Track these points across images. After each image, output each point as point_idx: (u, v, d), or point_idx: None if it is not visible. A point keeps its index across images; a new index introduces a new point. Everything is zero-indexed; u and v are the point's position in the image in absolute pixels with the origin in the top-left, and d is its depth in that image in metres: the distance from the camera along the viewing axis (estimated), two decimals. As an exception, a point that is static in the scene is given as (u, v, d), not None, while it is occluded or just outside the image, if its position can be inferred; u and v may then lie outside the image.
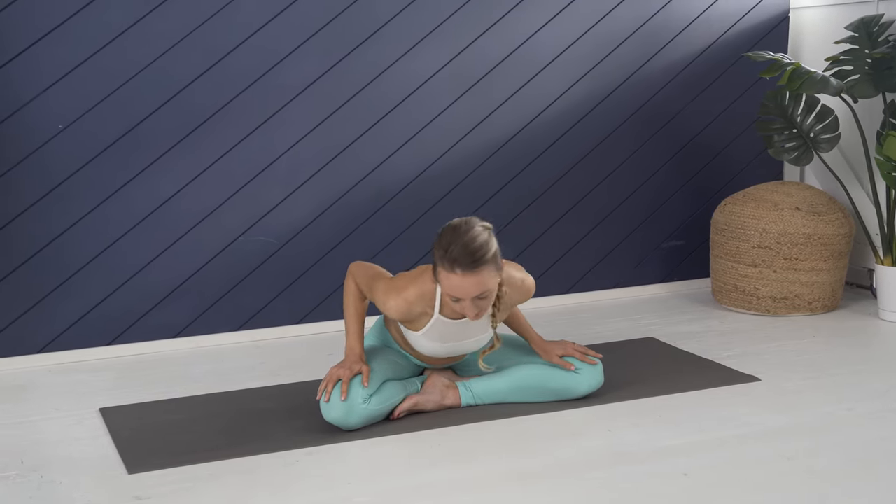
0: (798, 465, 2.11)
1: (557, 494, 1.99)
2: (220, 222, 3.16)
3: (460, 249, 2.14)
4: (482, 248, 2.16)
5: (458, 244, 2.15)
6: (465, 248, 2.15)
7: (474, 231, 2.18)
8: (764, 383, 2.66)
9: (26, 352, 2.97)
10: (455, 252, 2.15)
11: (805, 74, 3.21)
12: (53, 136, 2.94)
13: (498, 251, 2.22)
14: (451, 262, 2.15)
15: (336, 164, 3.28)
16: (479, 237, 2.17)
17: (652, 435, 2.29)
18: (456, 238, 2.16)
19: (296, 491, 2.03)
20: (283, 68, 3.16)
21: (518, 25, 3.45)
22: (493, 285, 2.20)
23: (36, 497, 2.01)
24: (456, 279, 2.16)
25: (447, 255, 2.16)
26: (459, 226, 2.20)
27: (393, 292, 2.31)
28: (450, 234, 2.18)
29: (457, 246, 2.15)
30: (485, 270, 2.17)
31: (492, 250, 2.18)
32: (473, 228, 2.19)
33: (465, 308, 2.20)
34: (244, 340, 3.22)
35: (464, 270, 2.15)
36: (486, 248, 2.17)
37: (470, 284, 2.16)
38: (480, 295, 2.18)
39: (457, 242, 2.15)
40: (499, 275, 2.22)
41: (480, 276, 2.16)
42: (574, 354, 2.52)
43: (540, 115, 3.53)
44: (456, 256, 2.14)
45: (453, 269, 2.16)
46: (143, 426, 2.41)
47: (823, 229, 3.35)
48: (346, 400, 2.30)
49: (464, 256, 2.14)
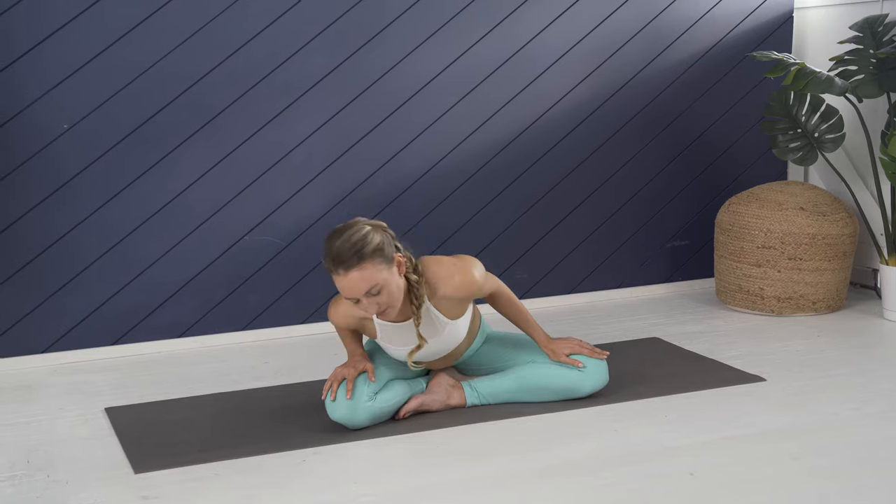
0: (805, 464, 2.11)
1: (565, 494, 1.99)
2: (225, 221, 3.16)
3: (337, 249, 2.17)
4: (358, 244, 2.17)
5: (335, 245, 2.17)
6: (341, 246, 2.16)
7: (352, 230, 2.20)
8: (769, 383, 2.66)
9: (31, 351, 2.98)
10: (333, 252, 2.17)
11: (810, 74, 3.21)
12: (59, 135, 2.94)
13: (382, 245, 2.20)
14: (333, 264, 2.17)
15: (342, 163, 3.28)
16: (354, 235, 2.18)
17: (658, 435, 2.29)
18: (333, 239, 2.19)
19: (302, 490, 2.03)
20: (289, 67, 3.16)
21: (523, 25, 3.45)
22: (382, 279, 2.19)
23: (43, 497, 2.01)
24: (340, 280, 2.17)
25: (328, 258, 2.18)
26: (339, 228, 2.22)
27: (333, 304, 2.38)
28: (329, 238, 2.20)
29: (334, 247, 2.17)
30: (366, 266, 2.17)
31: (370, 245, 2.18)
32: (351, 228, 2.21)
33: (364, 307, 2.21)
34: (249, 340, 3.22)
35: (345, 269, 2.16)
36: (362, 243, 2.17)
37: (353, 282, 2.17)
38: (371, 290, 2.18)
39: (334, 243, 2.18)
40: (387, 268, 2.20)
41: (363, 272, 2.16)
42: (581, 352, 2.51)
43: (544, 115, 3.53)
44: (334, 256, 2.16)
45: (336, 270, 2.17)
46: (148, 426, 2.41)
47: (828, 229, 3.34)
48: (351, 398, 2.30)
49: (341, 255, 2.16)
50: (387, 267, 2.20)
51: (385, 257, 2.20)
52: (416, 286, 2.29)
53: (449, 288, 2.33)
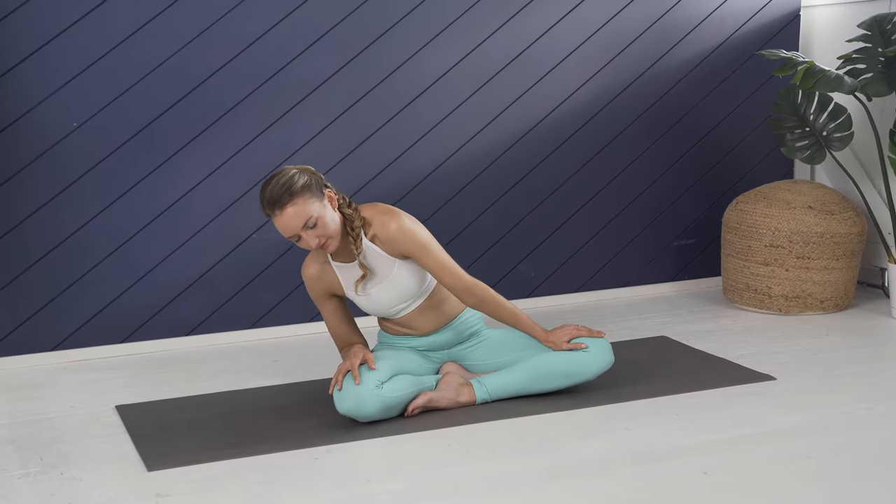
0: (819, 464, 2.11)
1: (578, 493, 1.99)
2: (233, 220, 3.16)
3: (269, 192, 2.32)
4: (286, 183, 2.32)
5: (266, 190, 2.33)
6: (272, 189, 2.32)
7: (280, 174, 2.34)
8: (780, 382, 2.66)
9: (41, 349, 2.98)
10: (266, 196, 2.32)
11: (819, 73, 3.21)
12: (68, 134, 2.94)
13: (310, 182, 2.35)
14: (269, 207, 2.32)
15: (350, 161, 3.28)
16: (283, 177, 2.33)
17: (670, 434, 2.29)
18: (265, 187, 2.34)
19: (317, 488, 2.03)
20: (296, 65, 3.16)
21: (530, 24, 3.45)
22: (316, 212, 2.34)
23: (58, 494, 2.01)
24: (278, 220, 2.33)
25: (263, 204, 2.34)
26: (270, 177, 2.36)
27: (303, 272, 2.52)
28: (262, 188, 2.35)
29: (266, 191, 2.33)
30: (298, 201, 2.32)
31: (298, 183, 2.33)
32: (279, 173, 2.35)
33: (306, 242, 2.36)
34: (257, 338, 3.22)
35: (280, 208, 2.31)
36: (290, 182, 2.32)
37: (289, 218, 2.32)
38: (307, 223, 2.33)
39: (266, 189, 2.33)
40: (318, 201, 2.35)
41: (296, 207, 2.31)
42: (580, 335, 2.51)
43: (552, 113, 3.53)
44: (268, 199, 2.32)
45: (273, 212, 2.33)
46: (160, 424, 2.41)
47: (836, 228, 3.35)
48: (359, 384, 2.31)
49: (273, 196, 2.31)
50: (318, 200, 2.35)
51: (314, 192, 2.35)
52: (351, 219, 2.43)
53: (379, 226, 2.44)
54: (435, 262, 2.44)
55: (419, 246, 2.43)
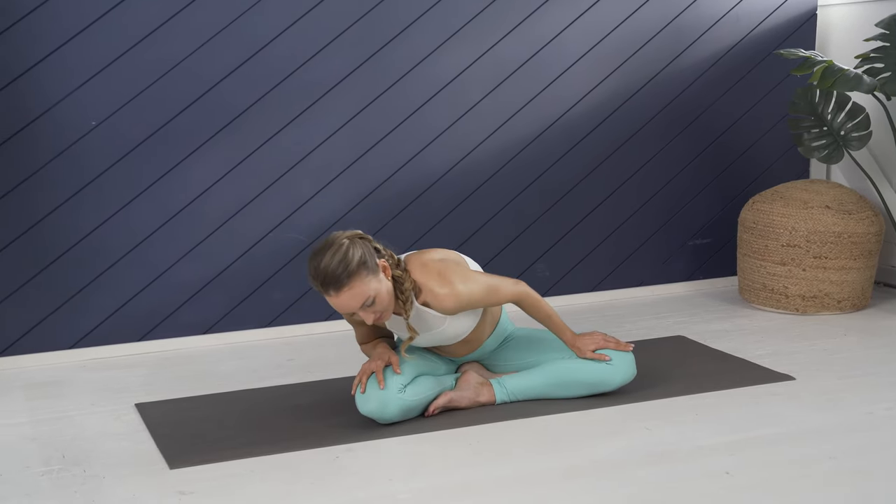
0: (843, 464, 2.10)
1: (598, 493, 1.98)
2: (250, 219, 3.17)
3: (323, 272, 2.17)
4: (342, 263, 2.16)
5: (320, 268, 2.17)
6: (326, 268, 2.17)
7: (332, 249, 2.19)
8: (799, 382, 2.65)
9: (59, 347, 2.98)
10: (319, 275, 2.17)
11: (838, 72, 3.19)
12: (85, 133, 2.94)
13: (364, 258, 2.20)
14: (322, 286, 2.19)
15: (366, 161, 3.28)
16: (336, 254, 2.17)
17: (691, 433, 2.29)
18: (317, 262, 2.18)
19: (339, 487, 2.03)
20: (311, 67, 3.16)
21: (544, 24, 3.45)
22: (373, 290, 2.20)
23: (81, 492, 2.01)
24: (332, 300, 2.20)
25: (315, 281, 2.19)
26: (319, 249, 2.21)
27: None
28: (312, 260, 2.20)
29: (320, 270, 2.17)
30: (355, 283, 2.18)
31: (352, 263, 2.17)
32: (331, 247, 2.19)
33: (362, 318, 2.24)
34: (273, 337, 3.22)
35: (335, 290, 2.18)
36: (344, 264, 2.17)
37: (346, 300, 2.19)
38: (365, 303, 2.20)
39: (318, 267, 2.17)
40: (374, 278, 2.20)
41: (353, 290, 2.18)
42: (607, 346, 2.51)
43: (567, 113, 3.53)
44: (322, 279, 2.17)
45: (327, 292, 2.19)
46: (180, 422, 2.41)
47: (854, 228, 3.33)
48: (383, 389, 2.31)
49: (327, 277, 2.16)
50: (374, 276, 2.20)
51: (370, 268, 2.20)
52: (401, 281, 2.30)
53: (432, 298, 2.33)
54: (489, 301, 2.38)
55: (475, 302, 2.35)
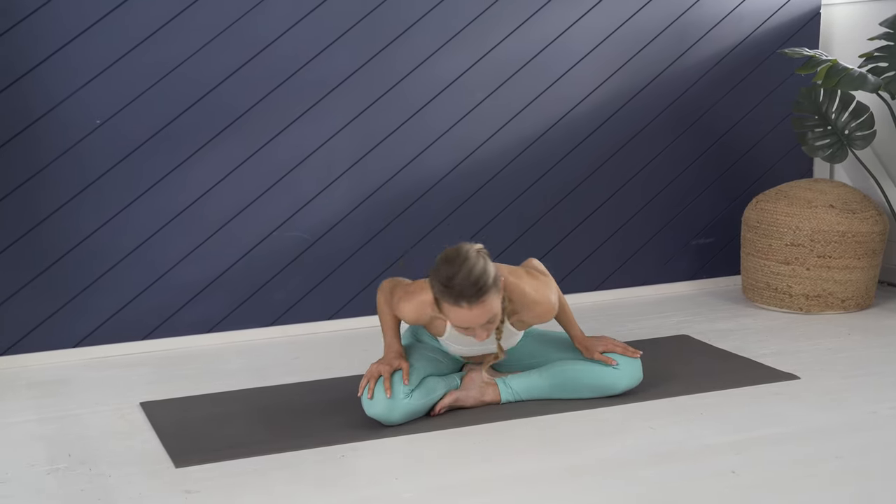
0: (848, 464, 2.10)
1: (606, 492, 1.98)
2: (253, 218, 3.17)
3: (462, 282, 2.12)
4: (481, 279, 2.14)
5: (458, 277, 2.12)
6: (466, 280, 2.12)
7: (471, 261, 2.15)
8: (804, 381, 2.65)
9: (63, 346, 2.98)
10: (458, 286, 2.13)
11: (842, 71, 3.19)
12: (88, 133, 2.94)
13: (496, 276, 2.19)
14: (455, 297, 2.14)
15: (369, 160, 3.28)
16: (475, 269, 2.14)
17: (696, 433, 2.29)
18: (455, 271, 2.13)
19: (344, 486, 2.03)
20: (314, 66, 3.16)
21: (547, 23, 3.44)
22: (498, 307, 2.20)
23: (87, 490, 2.01)
24: (463, 312, 2.16)
25: (450, 290, 2.14)
26: (455, 258, 2.16)
27: (406, 297, 2.34)
28: (447, 268, 2.15)
29: (458, 279, 2.12)
30: (489, 298, 2.16)
31: (491, 276, 2.16)
32: (469, 258, 2.16)
33: (476, 333, 2.22)
34: (276, 336, 3.22)
35: (470, 303, 2.14)
36: (485, 276, 2.15)
37: (477, 314, 2.16)
38: (489, 319, 2.20)
39: (457, 276, 2.13)
40: (499, 296, 2.20)
41: (486, 305, 2.16)
42: (615, 350, 2.51)
43: (571, 112, 3.53)
44: (460, 290, 2.13)
45: (458, 303, 2.15)
46: (185, 421, 2.41)
47: (858, 227, 3.33)
48: (390, 397, 2.30)
49: (467, 289, 2.13)
50: (498, 294, 2.20)
51: (497, 287, 2.19)
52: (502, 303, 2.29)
53: (529, 314, 2.37)
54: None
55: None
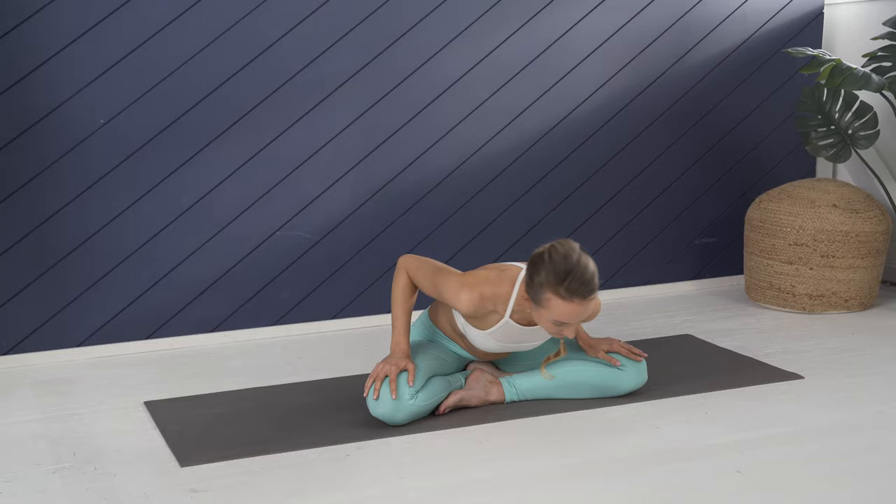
0: (855, 463, 2.10)
1: (611, 492, 1.98)
2: (256, 218, 3.17)
3: (579, 280, 2.17)
4: (593, 278, 2.20)
5: (576, 274, 2.17)
6: (582, 278, 2.18)
7: (584, 259, 2.20)
8: (808, 381, 2.65)
9: (67, 345, 2.98)
10: (575, 283, 2.17)
11: (846, 71, 3.19)
12: (94, 131, 2.94)
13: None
14: (569, 292, 2.18)
15: (373, 159, 3.28)
16: (588, 267, 2.20)
17: (701, 432, 2.29)
18: (572, 268, 2.18)
19: (350, 485, 2.03)
20: (319, 64, 3.16)
21: (552, 22, 3.44)
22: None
23: (92, 489, 2.01)
24: (573, 307, 2.19)
25: (566, 285, 2.17)
26: (570, 254, 2.20)
27: (467, 287, 2.32)
28: (564, 263, 2.18)
29: (576, 276, 2.17)
30: (592, 297, 2.22)
31: (597, 277, 2.22)
32: (582, 257, 2.21)
33: (569, 330, 2.24)
34: (280, 335, 3.22)
35: (581, 299, 2.19)
36: (594, 277, 2.21)
37: (583, 311, 2.21)
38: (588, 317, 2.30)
39: (575, 273, 2.17)
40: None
41: (591, 303, 2.22)
42: (620, 351, 2.52)
43: (575, 111, 3.53)
44: (576, 287, 2.17)
45: (571, 299, 2.18)
46: (189, 420, 2.41)
47: (861, 226, 3.33)
48: (395, 399, 2.30)
49: (582, 287, 2.18)
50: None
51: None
52: None
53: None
54: None
55: None
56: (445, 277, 2.36)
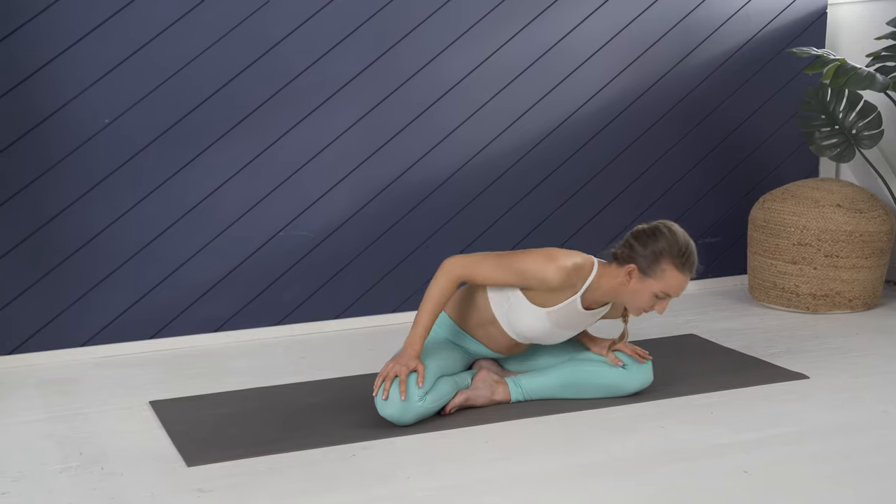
0: (860, 463, 2.10)
1: (618, 491, 1.98)
2: (260, 218, 3.17)
3: (694, 253, 2.34)
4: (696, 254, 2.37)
5: (692, 249, 2.35)
6: (695, 255, 2.36)
7: (687, 237, 2.37)
8: (813, 381, 2.65)
9: (71, 345, 2.98)
10: (692, 257, 2.34)
11: (851, 71, 3.19)
12: (98, 131, 2.94)
13: None
14: (689, 265, 2.33)
15: (376, 160, 3.28)
16: (693, 244, 2.37)
17: (706, 432, 2.29)
18: (688, 241, 2.35)
19: (356, 485, 2.03)
20: (322, 65, 3.16)
21: (555, 23, 3.44)
22: None
23: (99, 489, 2.01)
24: (682, 279, 2.33)
25: (685, 258, 2.32)
26: (678, 230, 2.36)
27: (559, 258, 2.37)
28: (683, 237, 2.35)
29: (692, 251, 2.34)
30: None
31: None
32: (684, 234, 2.37)
33: (662, 306, 2.37)
34: (283, 335, 3.22)
35: (690, 274, 2.35)
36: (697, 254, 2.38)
37: (685, 283, 2.36)
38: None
39: (692, 248, 2.35)
40: None
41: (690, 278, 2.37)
42: (624, 350, 2.52)
43: (579, 111, 3.53)
44: (693, 262, 2.34)
45: (684, 270, 2.33)
46: (195, 419, 2.41)
47: (865, 226, 3.33)
48: (404, 400, 2.30)
49: (695, 263, 2.36)
50: None
51: None
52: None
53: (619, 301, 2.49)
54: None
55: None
56: (522, 255, 2.39)
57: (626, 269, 2.34)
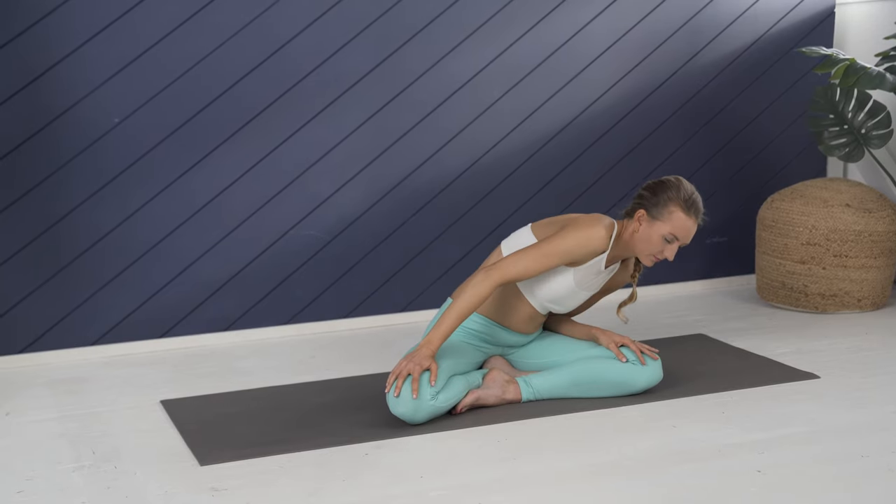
0: (875, 462, 2.10)
1: (629, 491, 1.98)
2: (269, 217, 3.17)
3: (699, 203, 2.48)
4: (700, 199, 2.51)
5: (698, 197, 2.49)
6: (698, 198, 2.49)
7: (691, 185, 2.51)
8: (824, 381, 2.65)
9: (81, 344, 2.99)
10: (697, 203, 2.48)
11: (860, 70, 3.19)
12: (107, 131, 2.94)
13: None
14: (693, 210, 2.46)
15: (385, 159, 3.28)
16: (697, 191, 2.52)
17: (718, 432, 2.29)
18: (692, 190, 2.49)
19: (370, 484, 2.03)
20: (332, 64, 3.16)
21: (564, 21, 3.44)
22: None
23: (113, 487, 2.01)
24: (689, 224, 2.47)
25: (689, 201, 2.46)
26: (682, 180, 2.50)
27: (590, 227, 2.44)
28: (691, 187, 2.49)
29: (697, 199, 2.48)
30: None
31: None
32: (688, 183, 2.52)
33: (671, 251, 2.47)
34: (293, 334, 3.22)
35: (695, 220, 2.48)
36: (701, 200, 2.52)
37: (693, 229, 2.49)
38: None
39: (696, 196, 2.49)
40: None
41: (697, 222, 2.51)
42: (630, 346, 2.51)
43: (587, 110, 3.53)
44: (698, 208, 2.48)
45: (689, 213, 2.46)
46: (207, 418, 2.41)
47: (874, 226, 3.33)
48: (416, 399, 2.30)
49: (697, 205, 2.48)
50: None
51: None
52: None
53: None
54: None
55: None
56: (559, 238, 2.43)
57: (637, 215, 2.47)
